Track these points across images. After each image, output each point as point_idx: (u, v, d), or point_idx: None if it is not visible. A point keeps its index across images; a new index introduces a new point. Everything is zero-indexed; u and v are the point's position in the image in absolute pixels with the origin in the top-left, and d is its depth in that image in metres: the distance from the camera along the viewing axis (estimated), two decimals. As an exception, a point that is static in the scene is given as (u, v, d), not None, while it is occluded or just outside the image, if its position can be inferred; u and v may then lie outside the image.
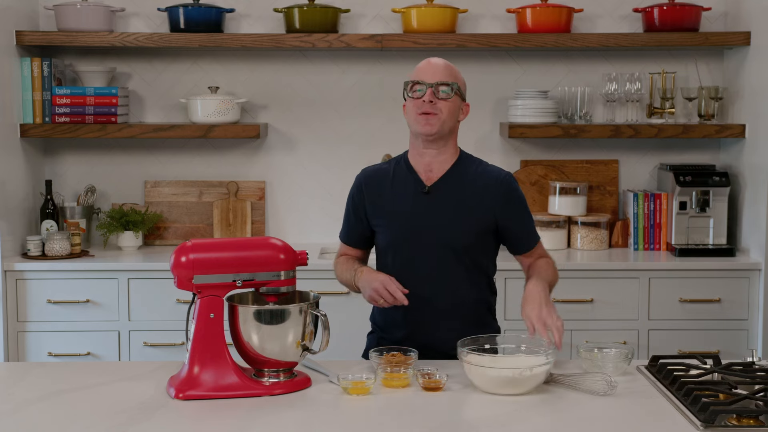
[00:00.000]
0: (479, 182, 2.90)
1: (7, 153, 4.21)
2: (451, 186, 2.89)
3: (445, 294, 2.87)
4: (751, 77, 4.34)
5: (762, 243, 4.16)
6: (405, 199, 2.90)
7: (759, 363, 2.60)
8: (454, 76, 2.88)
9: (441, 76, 2.85)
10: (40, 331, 4.16)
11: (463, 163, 2.94)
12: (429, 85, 2.83)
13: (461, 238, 2.86)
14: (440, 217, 2.86)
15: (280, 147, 4.67)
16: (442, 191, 2.88)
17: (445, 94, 2.83)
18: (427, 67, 2.88)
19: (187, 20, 4.38)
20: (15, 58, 4.29)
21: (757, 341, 4.17)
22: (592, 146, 4.68)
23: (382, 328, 2.98)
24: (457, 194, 2.88)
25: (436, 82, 2.83)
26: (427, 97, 2.82)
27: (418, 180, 2.90)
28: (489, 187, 2.90)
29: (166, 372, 2.62)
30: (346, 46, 4.34)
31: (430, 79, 2.84)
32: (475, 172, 2.92)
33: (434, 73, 2.85)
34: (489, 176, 2.93)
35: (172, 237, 4.64)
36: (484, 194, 2.89)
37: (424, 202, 2.88)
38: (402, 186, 2.91)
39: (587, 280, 4.18)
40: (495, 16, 4.60)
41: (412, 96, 2.85)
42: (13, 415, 2.34)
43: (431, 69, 2.87)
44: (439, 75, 2.85)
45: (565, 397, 2.44)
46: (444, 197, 2.87)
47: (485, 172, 2.94)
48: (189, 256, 2.45)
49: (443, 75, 2.85)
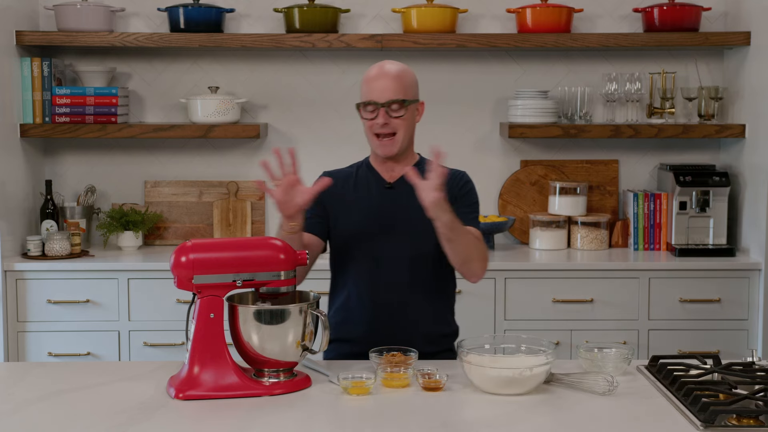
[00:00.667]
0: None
1: (7, 153, 4.21)
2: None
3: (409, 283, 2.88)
4: (751, 77, 4.33)
5: (762, 243, 4.16)
6: (368, 195, 2.93)
7: (759, 363, 2.60)
8: (404, 89, 2.84)
9: (392, 94, 2.81)
10: (40, 331, 4.16)
11: (422, 163, 2.97)
12: (380, 106, 2.80)
13: (424, 229, 2.86)
14: (403, 210, 2.89)
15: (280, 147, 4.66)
16: (404, 186, 2.89)
17: (398, 111, 2.83)
18: (376, 83, 2.82)
19: (187, 20, 4.38)
20: (15, 58, 4.29)
21: (757, 341, 4.17)
22: (592, 146, 4.68)
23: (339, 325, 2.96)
24: None
25: (388, 102, 2.80)
26: (381, 120, 2.81)
27: (380, 178, 2.95)
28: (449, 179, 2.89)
29: (166, 372, 2.62)
30: (346, 46, 4.34)
31: (380, 98, 2.81)
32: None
33: (384, 90, 2.81)
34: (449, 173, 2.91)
35: (172, 237, 4.64)
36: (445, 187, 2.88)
37: (388, 196, 2.92)
38: (365, 186, 2.95)
39: (587, 280, 4.18)
40: (495, 16, 4.60)
41: (366, 117, 2.84)
42: (13, 415, 2.34)
43: (380, 86, 2.81)
44: (390, 92, 2.81)
45: (565, 397, 2.44)
46: (406, 192, 2.88)
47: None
48: (189, 256, 2.45)
49: (394, 91, 2.81)
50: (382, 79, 2.83)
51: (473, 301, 4.15)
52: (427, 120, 4.64)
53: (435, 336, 2.84)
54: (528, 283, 4.18)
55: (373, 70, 2.87)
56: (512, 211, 4.66)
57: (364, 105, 2.83)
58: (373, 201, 2.92)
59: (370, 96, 2.83)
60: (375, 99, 2.82)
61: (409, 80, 2.88)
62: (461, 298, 4.11)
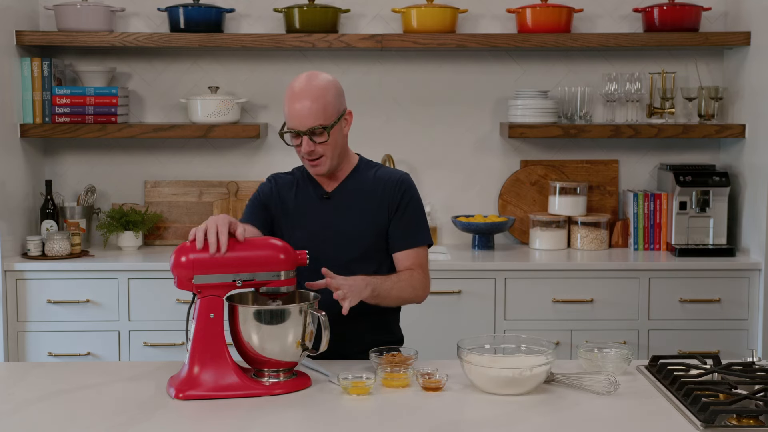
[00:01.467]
0: (378, 184, 2.91)
1: (7, 153, 4.21)
2: (350, 190, 2.90)
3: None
4: (751, 77, 4.33)
5: (762, 243, 4.16)
6: (307, 205, 2.90)
7: (759, 363, 2.60)
8: (324, 110, 2.75)
9: (312, 119, 2.74)
10: (40, 331, 4.16)
11: (361, 168, 2.94)
12: (303, 134, 2.76)
13: (362, 239, 2.87)
14: (342, 221, 2.87)
15: (280, 147, 4.67)
16: (342, 195, 2.89)
17: (321, 136, 2.77)
18: (296, 106, 2.74)
19: (187, 20, 4.38)
20: (15, 58, 4.29)
21: (757, 341, 4.17)
22: (592, 146, 4.68)
23: None
24: (357, 197, 2.89)
25: (309, 130, 2.75)
26: (306, 148, 2.77)
27: (318, 187, 2.92)
28: (387, 187, 2.90)
29: (166, 372, 2.62)
30: (346, 46, 4.34)
31: (301, 126, 2.75)
32: (374, 176, 2.92)
33: (304, 118, 2.73)
34: (387, 177, 2.93)
35: (172, 237, 4.64)
36: (383, 194, 2.89)
37: (325, 207, 2.89)
38: (304, 194, 2.92)
39: (587, 280, 4.18)
40: (495, 16, 4.60)
41: (290, 144, 2.80)
42: (13, 415, 2.34)
43: (301, 111, 2.73)
44: (310, 120, 2.74)
45: (565, 397, 2.44)
46: (344, 201, 2.89)
47: (383, 174, 2.94)
48: (189, 256, 2.45)
49: (314, 118, 2.74)
50: (302, 100, 2.74)
51: (473, 301, 4.15)
52: (427, 120, 4.68)
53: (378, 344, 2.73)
54: (528, 283, 4.18)
55: (294, 87, 2.77)
56: (512, 211, 4.66)
57: (286, 131, 2.78)
58: (312, 211, 2.89)
59: (291, 122, 2.76)
60: (296, 127, 2.75)
61: (330, 98, 2.78)
62: (461, 298, 4.12)
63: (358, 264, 2.85)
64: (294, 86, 2.78)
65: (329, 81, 2.82)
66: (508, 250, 4.49)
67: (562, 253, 4.45)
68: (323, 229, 2.87)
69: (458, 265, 4.19)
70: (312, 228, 2.87)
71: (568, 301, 4.17)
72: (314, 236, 2.85)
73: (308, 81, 2.78)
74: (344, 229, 2.87)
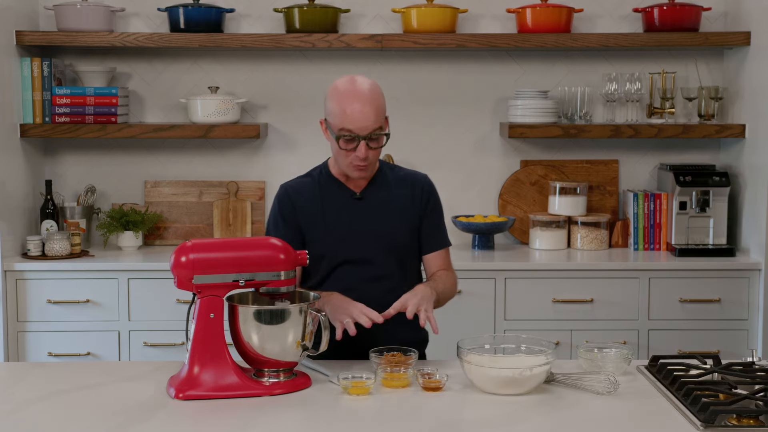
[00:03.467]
0: (406, 184, 2.93)
1: (7, 153, 4.21)
2: (379, 190, 2.91)
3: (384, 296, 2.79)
4: (751, 77, 4.33)
5: (762, 243, 4.16)
6: (338, 206, 2.88)
7: (759, 363, 2.60)
8: (380, 114, 2.73)
9: (373, 124, 2.70)
10: (40, 331, 4.16)
11: (384, 169, 2.95)
12: (362, 138, 2.71)
13: (397, 238, 2.88)
14: (376, 221, 2.87)
15: (280, 147, 4.67)
16: (373, 196, 2.89)
17: (377, 142, 2.75)
18: (356, 109, 2.68)
19: (187, 20, 4.38)
20: (15, 58, 4.29)
21: (757, 341, 4.17)
22: (592, 146, 4.68)
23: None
24: (388, 197, 2.90)
25: (368, 135, 2.71)
26: (362, 154, 2.73)
27: (345, 188, 2.90)
28: (416, 187, 2.93)
29: (166, 372, 2.62)
30: (346, 46, 4.33)
31: (362, 130, 2.70)
32: (397, 176, 2.94)
33: (366, 120, 2.69)
34: (414, 177, 2.96)
35: (172, 237, 4.64)
36: (413, 194, 2.92)
37: (358, 207, 2.88)
38: (331, 196, 2.89)
39: (587, 280, 4.18)
40: (495, 16, 4.60)
41: (344, 148, 2.73)
42: (13, 415, 2.34)
43: (362, 117, 2.68)
44: (371, 124, 2.70)
45: (565, 397, 2.44)
46: (375, 201, 2.89)
47: (407, 175, 2.96)
48: (189, 256, 2.46)
49: (375, 121, 2.71)
50: (359, 103, 2.70)
51: (473, 301, 4.15)
52: (427, 120, 4.68)
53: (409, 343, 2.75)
54: (528, 283, 4.18)
55: (346, 89, 2.73)
56: (512, 211, 4.66)
57: (341, 133, 2.71)
58: (343, 212, 2.88)
59: (347, 124, 2.70)
60: (356, 131, 2.70)
61: (383, 101, 2.77)
62: (461, 298, 4.12)
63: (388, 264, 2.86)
64: (348, 89, 2.72)
65: (377, 85, 2.80)
66: (508, 250, 4.49)
67: (562, 253, 4.45)
68: (357, 230, 2.86)
69: (458, 265, 4.14)
70: (345, 228, 2.86)
71: (568, 301, 4.17)
72: (348, 236, 2.84)
73: (362, 84, 2.73)
74: (379, 228, 2.86)
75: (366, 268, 2.84)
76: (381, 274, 2.85)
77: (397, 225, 2.88)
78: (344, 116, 2.71)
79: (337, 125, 2.73)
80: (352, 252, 2.83)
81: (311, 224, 2.88)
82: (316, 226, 2.87)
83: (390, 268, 2.87)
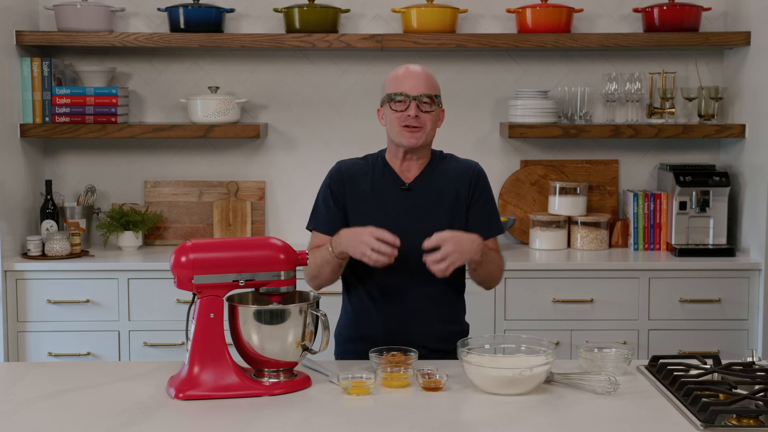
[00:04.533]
0: (452, 174, 2.96)
1: (7, 153, 4.21)
2: (428, 182, 2.94)
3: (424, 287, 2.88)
4: (751, 77, 4.34)
5: (762, 243, 4.16)
6: (386, 195, 2.92)
7: (759, 363, 2.60)
8: (435, 86, 2.89)
9: (424, 88, 2.85)
10: (40, 331, 4.16)
11: (435, 160, 2.99)
12: (413, 98, 2.83)
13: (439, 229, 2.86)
14: (420, 213, 2.90)
15: (280, 147, 4.67)
16: (421, 187, 2.92)
17: (429, 106, 2.85)
18: (408, 77, 2.86)
19: (187, 20, 4.38)
20: (15, 58, 4.29)
21: (757, 341, 4.17)
22: (592, 146, 4.68)
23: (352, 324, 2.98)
24: (435, 189, 2.93)
25: (420, 95, 2.84)
26: (413, 112, 2.83)
27: (397, 177, 2.94)
28: (461, 175, 2.96)
29: (166, 372, 2.62)
30: (346, 46, 4.34)
31: (413, 91, 2.84)
32: (447, 167, 2.98)
33: (417, 84, 2.85)
34: (460, 166, 2.99)
35: (172, 237, 4.64)
36: (458, 184, 2.94)
37: (405, 197, 2.92)
38: (382, 183, 2.94)
39: (587, 280, 4.18)
40: (495, 16, 4.60)
41: (395, 109, 2.85)
42: (13, 415, 2.34)
43: (413, 80, 2.85)
44: (423, 87, 2.85)
45: (565, 397, 2.44)
46: (423, 192, 2.92)
47: (457, 164, 3.00)
48: (189, 256, 2.46)
49: (426, 86, 2.85)
50: (413, 76, 2.86)
51: (473, 301, 4.12)
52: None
53: (447, 335, 2.85)
54: (528, 283, 4.18)
55: (401, 69, 2.90)
56: (512, 211, 4.66)
57: (393, 96, 2.84)
58: (390, 202, 2.91)
59: (400, 89, 2.84)
60: (407, 91, 2.84)
61: (437, 82, 2.92)
62: (461, 298, 4.11)
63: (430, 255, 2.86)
64: (400, 67, 2.90)
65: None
66: (508, 250, 4.49)
67: (562, 253, 4.45)
68: (401, 220, 2.88)
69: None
70: (390, 218, 2.88)
71: (568, 301, 4.17)
72: (391, 227, 2.82)
73: (415, 66, 2.91)
74: (422, 221, 2.88)
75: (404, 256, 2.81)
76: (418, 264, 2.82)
77: (437, 218, 2.89)
78: (397, 80, 2.87)
79: (391, 91, 2.86)
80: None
81: (356, 206, 2.92)
82: (361, 210, 2.91)
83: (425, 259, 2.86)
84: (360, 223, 2.88)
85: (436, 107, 2.87)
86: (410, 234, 2.85)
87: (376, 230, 2.71)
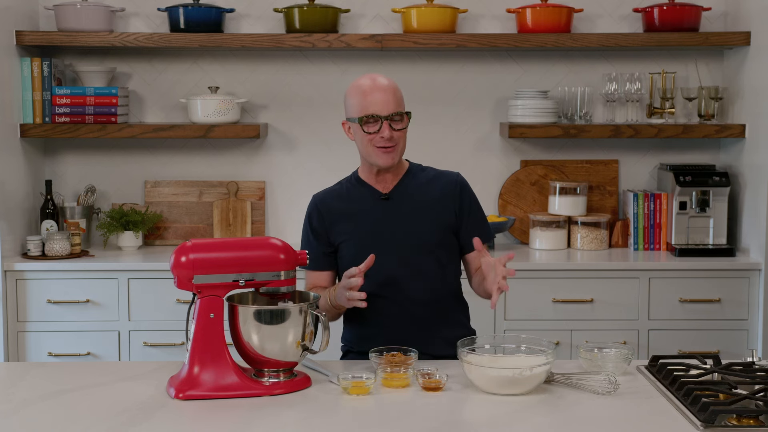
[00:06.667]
0: (436, 183, 2.96)
1: (7, 153, 4.21)
2: (407, 190, 2.94)
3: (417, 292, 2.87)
4: (751, 77, 4.34)
5: (762, 243, 4.16)
6: (365, 208, 2.92)
7: (759, 363, 2.60)
8: (402, 99, 2.86)
9: (394, 106, 2.82)
10: (40, 331, 4.16)
11: (413, 170, 2.99)
12: (384, 118, 2.81)
13: (425, 236, 2.89)
14: (403, 219, 2.90)
15: (280, 147, 4.67)
16: (399, 196, 2.93)
17: (400, 123, 2.84)
18: (376, 92, 2.81)
19: (187, 20, 4.38)
20: (15, 58, 4.29)
21: (757, 341, 4.17)
22: (592, 146, 4.68)
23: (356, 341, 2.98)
24: (415, 197, 2.93)
25: (391, 114, 2.81)
26: (387, 134, 2.81)
27: (374, 191, 2.94)
28: (447, 186, 2.95)
29: (166, 372, 2.62)
30: (346, 46, 4.34)
31: (383, 110, 2.81)
32: (427, 177, 2.98)
33: (386, 102, 2.81)
34: (445, 177, 2.99)
35: (172, 237, 4.64)
36: (444, 193, 2.94)
37: (385, 207, 2.92)
38: (358, 199, 2.94)
39: (587, 280, 4.18)
40: (495, 16, 4.60)
41: (367, 131, 2.82)
42: (13, 415, 2.34)
43: (382, 96, 2.81)
44: (392, 104, 2.82)
45: (565, 397, 2.44)
46: (403, 200, 2.92)
47: (438, 175, 3.00)
48: (189, 256, 2.46)
49: (395, 103, 2.83)
50: (380, 92, 2.82)
51: (473, 301, 4.14)
52: (427, 120, 4.67)
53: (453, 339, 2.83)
54: (528, 283, 4.18)
55: (366, 82, 2.85)
56: (512, 211, 4.66)
57: (364, 119, 2.81)
58: (370, 213, 2.91)
59: (370, 109, 2.81)
60: (377, 112, 2.81)
61: (401, 93, 2.89)
62: (461, 298, 4.11)
63: (422, 262, 2.88)
64: (366, 82, 2.84)
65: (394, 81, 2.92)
66: (508, 250, 4.49)
67: (562, 253, 4.45)
68: (385, 229, 2.88)
69: (458, 265, 4.19)
70: (374, 228, 2.89)
71: (568, 301, 4.17)
72: (377, 236, 2.85)
73: (379, 78, 2.86)
74: (407, 227, 2.89)
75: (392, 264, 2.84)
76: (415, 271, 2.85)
77: (423, 223, 2.89)
78: (365, 101, 2.82)
79: (360, 113, 2.83)
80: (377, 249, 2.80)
81: (339, 227, 2.92)
82: (344, 229, 2.91)
83: (427, 265, 2.88)
84: (346, 239, 2.90)
85: (407, 121, 2.85)
86: (397, 240, 2.86)
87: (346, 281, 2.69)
